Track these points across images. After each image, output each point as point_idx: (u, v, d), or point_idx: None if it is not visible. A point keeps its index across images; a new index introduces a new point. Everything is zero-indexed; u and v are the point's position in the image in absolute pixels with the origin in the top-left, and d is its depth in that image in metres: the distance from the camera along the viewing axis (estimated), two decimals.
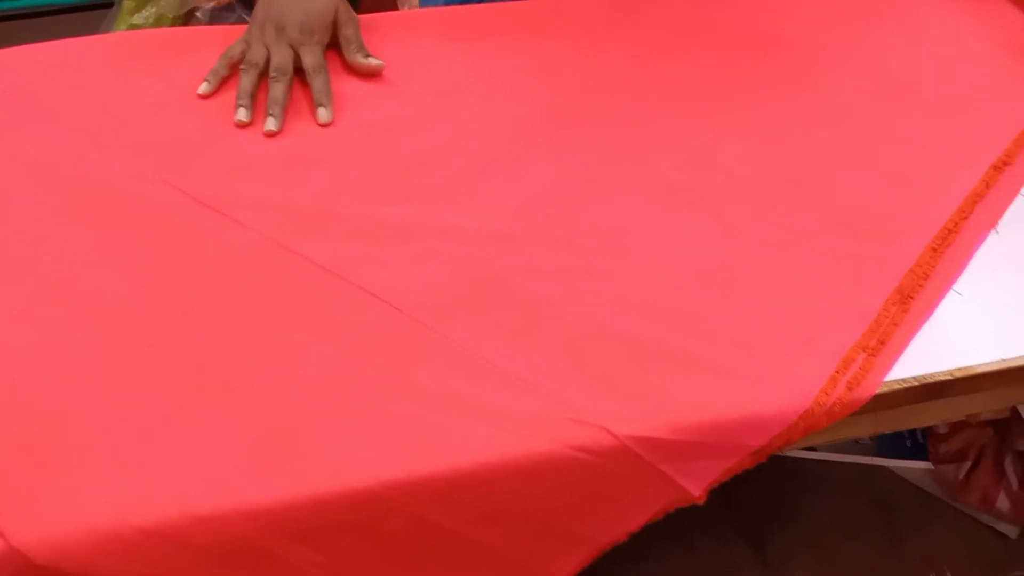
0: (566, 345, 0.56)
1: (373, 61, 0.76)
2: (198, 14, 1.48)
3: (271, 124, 0.70)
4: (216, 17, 1.41)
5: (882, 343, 0.57)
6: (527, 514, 0.53)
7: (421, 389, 0.53)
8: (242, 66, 0.73)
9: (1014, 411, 1.03)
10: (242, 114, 0.71)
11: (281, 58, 0.73)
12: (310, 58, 0.74)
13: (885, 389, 0.56)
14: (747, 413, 0.53)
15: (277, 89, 0.72)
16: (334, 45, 0.78)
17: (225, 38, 0.78)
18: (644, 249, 0.63)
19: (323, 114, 0.72)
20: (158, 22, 1.73)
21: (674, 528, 0.55)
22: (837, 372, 0.55)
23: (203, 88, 0.73)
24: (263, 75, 0.73)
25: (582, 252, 0.62)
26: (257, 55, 0.73)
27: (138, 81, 0.75)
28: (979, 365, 0.57)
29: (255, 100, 0.72)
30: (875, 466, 1.13)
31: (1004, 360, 0.58)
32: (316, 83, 0.73)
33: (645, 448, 0.52)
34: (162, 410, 0.51)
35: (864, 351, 0.57)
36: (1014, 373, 0.58)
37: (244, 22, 1.15)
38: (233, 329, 0.56)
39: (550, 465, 0.51)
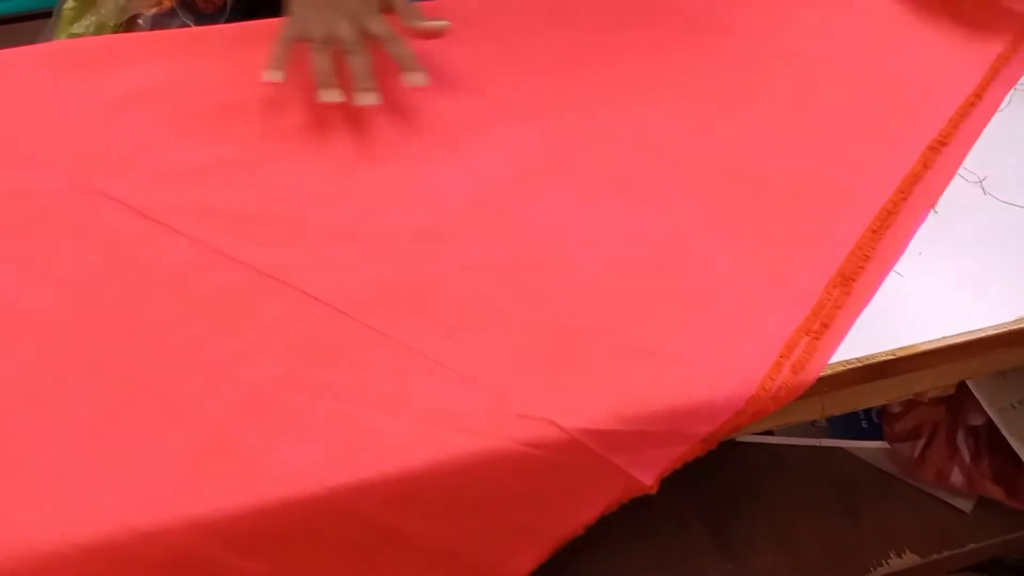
0: (509, 340, 0.56)
1: (437, 23, 0.74)
2: (140, 21, 1.45)
3: (371, 99, 0.68)
4: (158, 23, 1.39)
5: (825, 326, 0.58)
6: (479, 512, 0.53)
7: (365, 390, 0.52)
8: (313, 46, 0.70)
9: (964, 387, 1.05)
10: (335, 95, 0.69)
11: (348, 31, 0.69)
12: (380, 27, 0.70)
13: (829, 371, 0.56)
14: (693, 400, 0.53)
15: (360, 63, 0.69)
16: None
17: (164, 45, 0.76)
18: (583, 239, 0.63)
19: (418, 78, 0.70)
20: (99, 30, 1.70)
21: (634, 517, 0.56)
22: (781, 356, 0.56)
23: (274, 76, 0.70)
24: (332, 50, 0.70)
25: (521, 246, 0.62)
26: (322, 31, 0.69)
27: (72, 90, 0.73)
28: (921, 344, 0.58)
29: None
30: (832, 448, 1.15)
31: (945, 337, 0.59)
32: (398, 50, 0.70)
33: (594, 440, 0.52)
34: (95, 425, 0.50)
35: (807, 334, 0.58)
36: (956, 350, 0.59)
37: (187, 26, 1.13)
38: (167, 338, 0.55)
39: (499, 461, 0.51)
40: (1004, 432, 1.03)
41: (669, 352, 0.55)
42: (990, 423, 1.04)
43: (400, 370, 0.54)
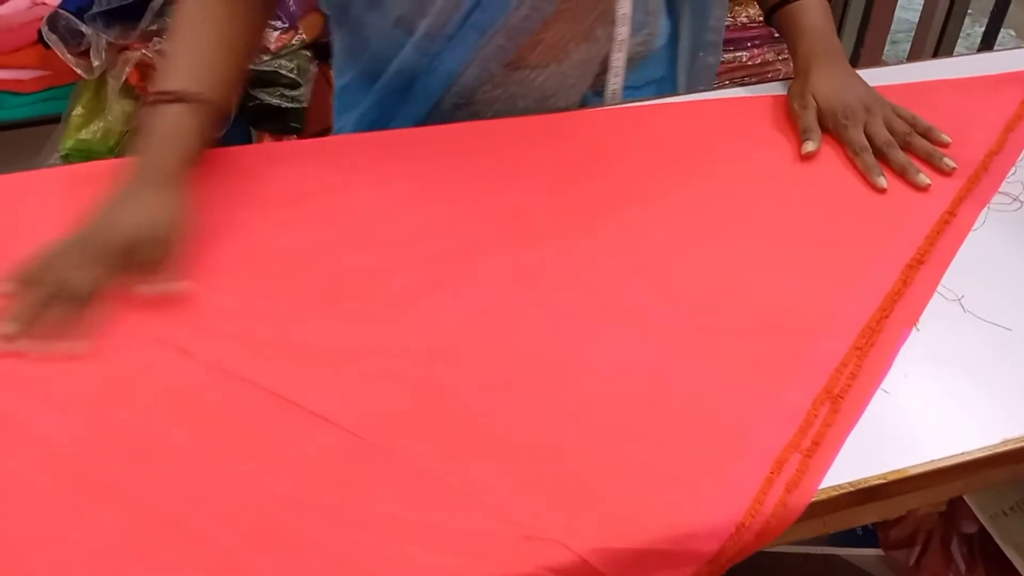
0: (513, 459, 0.57)
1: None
2: None
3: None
4: None
5: (816, 444, 0.59)
6: None
7: (373, 515, 0.53)
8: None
9: (958, 496, 1.05)
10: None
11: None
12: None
13: (822, 496, 0.57)
14: (691, 518, 0.54)
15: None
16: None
17: None
18: (575, 358, 0.64)
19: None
20: (105, 136, 1.75)
21: None
22: (772, 473, 0.57)
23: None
24: None
25: (520, 364, 0.64)
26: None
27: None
28: (911, 467, 0.59)
29: None
30: (829, 555, 1.14)
31: (934, 460, 0.59)
32: None
33: (601, 560, 0.52)
34: (109, 554, 0.51)
35: (798, 452, 0.58)
36: (947, 473, 0.59)
37: None
38: (179, 462, 0.56)
39: None
40: (997, 540, 1.03)
41: (662, 469, 0.56)
42: (983, 530, 1.05)
43: (407, 493, 0.55)
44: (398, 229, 0.75)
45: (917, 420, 0.62)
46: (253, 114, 1.57)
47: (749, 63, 1.74)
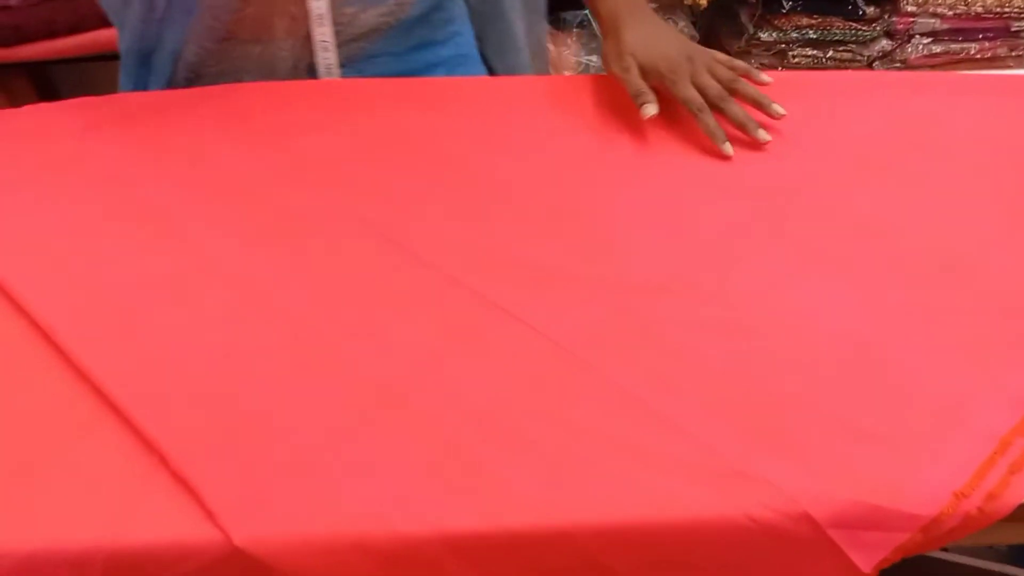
0: (731, 401, 0.57)
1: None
2: None
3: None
4: None
5: None
6: (693, 567, 0.54)
7: (578, 424, 0.55)
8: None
9: None
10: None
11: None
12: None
13: None
14: (907, 480, 0.53)
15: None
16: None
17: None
18: (794, 311, 0.64)
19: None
20: None
21: None
22: (995, 453, 0.55)
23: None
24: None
25: (731, 307, 0.64)
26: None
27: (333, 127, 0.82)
28: None
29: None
30: (1009, 574, 1.08)
31: None
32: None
33: (814, 505, 0.52)
34: (343, 424, 0.56)
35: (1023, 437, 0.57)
36: None
37: None
38: (408, 353, 0.60)
39: (718, 521, 0.51)
40: None
41: (884, 432, 0.56)
42: None
43: (618, 412, 0.56)
44: (615, 167, 0.78)
45: None
46: None
47: (978, 56, 1.64)
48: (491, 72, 1.00)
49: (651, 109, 0.79)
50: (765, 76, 0.83)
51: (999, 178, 0.78)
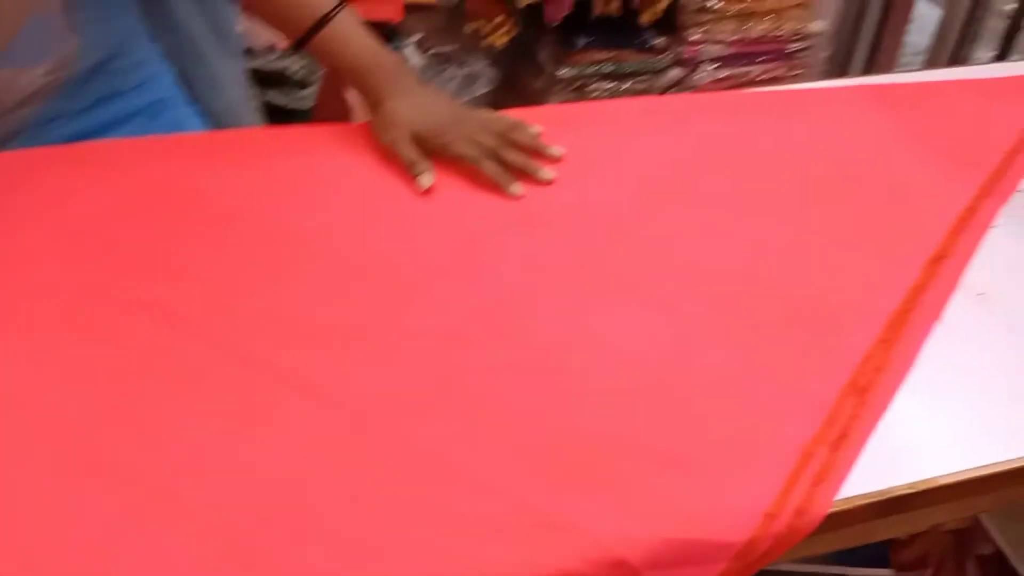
0: (534, 446, 0.55)
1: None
2: None
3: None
4: None
5: (843, 437, 0.57)
6: None
7: (380, 496, 0.51)
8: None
9: (973, 516, 1.02)
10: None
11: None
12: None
13: (846, 505, 0.54)
14: (717, 507, 0.52)
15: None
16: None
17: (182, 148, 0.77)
18: (598, 344, 0.62)
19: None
20: None
21: None
22: (799, 466, 0.54)
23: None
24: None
25: (540, 348, 0.61)
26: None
27: (90, 189, 0.73)
28: (941, 477, 0.56)
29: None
30: (839, 575, 1.11)
31: (965, 471, 0.56)
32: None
33: (626, 548, 0.49)
34: (110, 528, 0.49)
35: (824, 445, 0.56)
36: (976, 484, 0.57)
37: None
38: (182, 442, 0.54)
39: None
40: (1014, 563, 0.99)
41: (690, 458, 0.54)
42: (1000, 552, 1.01)
43: (419, 476, 0.52)
44: (409, 214, 0.74)
45: (945, 424, 0.59)
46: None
47: (761, 77, 1.73)
48: (208, 114, 0.93)
49: (426, 180, 0.76)
50: (535, 127, 0.82)
51: (781, 189, 0.79)
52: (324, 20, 0.78)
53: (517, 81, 1.85)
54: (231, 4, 0.95)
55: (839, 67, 1.90)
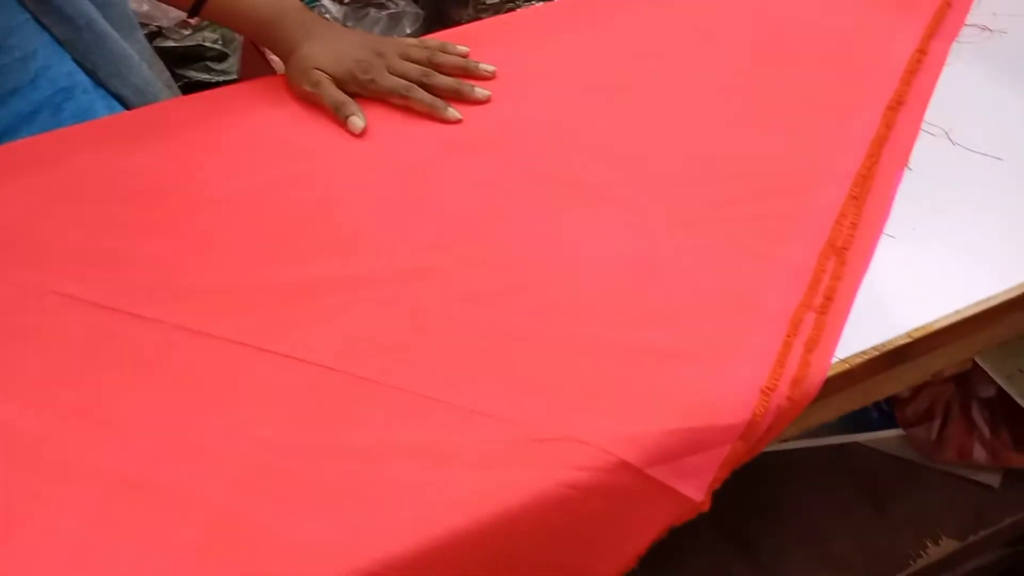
0: (513, 365, 0.53)
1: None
2: None
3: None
4: None
5: (829, 299, 0.55)
6: (520, 561, 0.48)
7: (365, 444, 0.49)
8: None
9: (971, 360, 1.02)
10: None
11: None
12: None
13: (847, 366, 0.53)
14: (712, 393, 0.50)
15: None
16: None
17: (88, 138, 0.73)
18: (566, 253, 0.60)
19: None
20: None
21: (660, 542, 0.51)
22: (788, 335, 0.53)
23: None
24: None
25: (504, 269, 0.59)
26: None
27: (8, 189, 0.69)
28: (937, 321, 0.55)
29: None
30: (847, 444, 1.11)
31: (960, 310, 0.56)
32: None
33: (625, 449, 0.47)
34: (87, 534, 0.46)
35: (812, 310, 0.55)
36: (973, 322, 0.56)
37: None
38: (146, 431, 0.51)
39: (537, 498, 0.46)
40: (1018, 399, 1.00)
41: (677, 348, 0.53)
42: (1002, 393, 1.02)
43: (403, 416, 0.50)
44: (345, 158, 0.70)
45: (930, 273, 0.58)
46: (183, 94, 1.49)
47: None
48: (118, 97, 0.88)
49: (358, 121, 0.72)
50: (461, 47, 0.78)
51: (723, 62, 0.76)
52: None
53: (444, 15, 1.79)
54: None
55: None
